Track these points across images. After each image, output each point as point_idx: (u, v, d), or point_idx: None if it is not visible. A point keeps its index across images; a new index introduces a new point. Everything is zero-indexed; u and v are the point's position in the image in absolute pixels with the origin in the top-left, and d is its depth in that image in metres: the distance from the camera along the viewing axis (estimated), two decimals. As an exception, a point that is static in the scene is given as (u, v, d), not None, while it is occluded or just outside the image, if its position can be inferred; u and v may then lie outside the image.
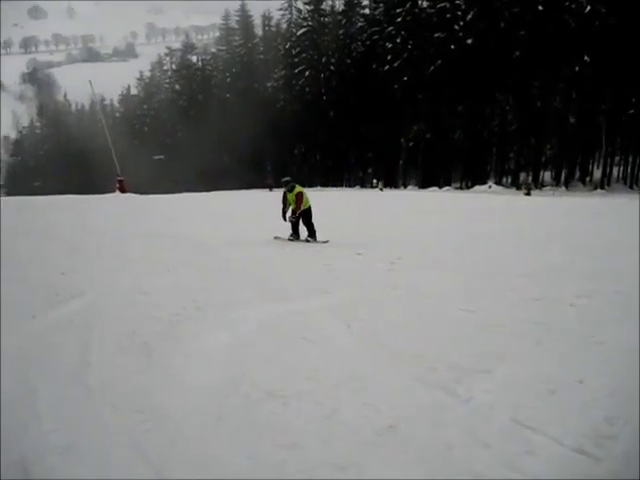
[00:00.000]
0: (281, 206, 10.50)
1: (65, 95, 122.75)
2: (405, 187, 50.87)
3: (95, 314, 4.91)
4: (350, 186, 56.77)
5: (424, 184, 48.07)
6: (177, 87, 76.24)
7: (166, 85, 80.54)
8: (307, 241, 10.19)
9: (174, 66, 79.86)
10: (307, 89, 57.93)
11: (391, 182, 52.27)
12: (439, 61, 45.53)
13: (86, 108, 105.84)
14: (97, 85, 48.57)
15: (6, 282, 6.19)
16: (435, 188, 44.32)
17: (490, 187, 40.99)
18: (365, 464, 2.37)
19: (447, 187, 45.87)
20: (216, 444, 2.59)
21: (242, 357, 3.75)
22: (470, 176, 48.16)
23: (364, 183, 56.98)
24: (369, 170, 59.44)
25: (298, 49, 59.32)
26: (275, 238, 10.47)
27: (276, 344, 4.02)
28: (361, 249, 8.67)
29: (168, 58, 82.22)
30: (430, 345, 3.89)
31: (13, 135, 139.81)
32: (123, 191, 35.99)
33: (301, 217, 10.29)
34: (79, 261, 8.01)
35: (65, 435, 2.71)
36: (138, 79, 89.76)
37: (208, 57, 77.15)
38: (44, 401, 3.11)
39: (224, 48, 72.98)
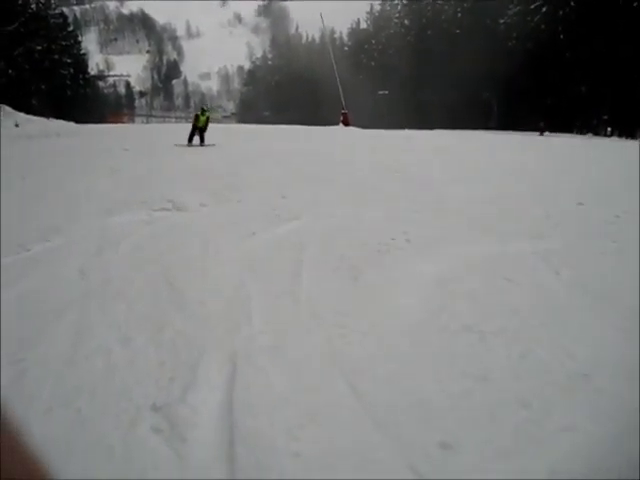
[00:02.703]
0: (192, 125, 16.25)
1: (297, 28, 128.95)
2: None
3: (309, 236, 5.19)
4: (581, 134, 52.47)
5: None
6: (406, 22, 76.78)
7: (395, 20, 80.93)
8: (200, 146, 15.54)
9: (404, 0, 79.80)
10: (542, 27, 54.92)
11: (630, 132, 48.16)
12: None
13: (316, 41, 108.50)
14: (327, 18, 50.15)
15: (232, 203, 6.93)
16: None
17: None
18: (551, 406, 2.36)
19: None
20: (408, 365, 2.72)
21: (445, 290, 3.83)
22: None
23: (598, 131, 52.81)
24: (604, 117, 54.84)
25: (537, -18, 56.12)
26: (175, 145, 15.15)
27: (481, 282, 4.04)
28: (586, 200, 7.89)
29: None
30: (642, 298, 3.68)
31: (247, 66, 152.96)
32: (346, 124, 37.58)
33: (200, 131, 16.06)
34: (300, 187, 8.29)
35: (272, 338, 2.97)
36: (368, 13, 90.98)
37: (440, -9, 75.49)
38: (256, 307, 3.41)
39: (458, -19, 70.92)
